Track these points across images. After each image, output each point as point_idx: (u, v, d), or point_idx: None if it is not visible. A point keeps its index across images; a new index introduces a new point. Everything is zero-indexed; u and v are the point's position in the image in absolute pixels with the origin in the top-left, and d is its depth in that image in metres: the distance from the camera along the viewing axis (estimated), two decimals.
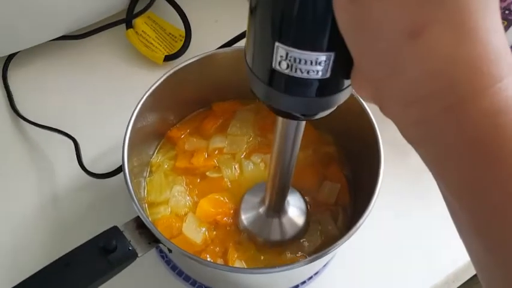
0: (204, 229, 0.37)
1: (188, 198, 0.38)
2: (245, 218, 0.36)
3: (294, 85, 0.20)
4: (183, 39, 0.48)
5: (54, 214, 0.40)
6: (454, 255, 0.40)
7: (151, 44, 0.48)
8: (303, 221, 0.36)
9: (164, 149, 0.41)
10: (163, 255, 0.38)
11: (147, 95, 0.36)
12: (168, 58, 0.47)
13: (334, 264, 0.39)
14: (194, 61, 0.38)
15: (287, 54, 0.19)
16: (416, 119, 0.17)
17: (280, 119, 0.26)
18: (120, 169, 0.39)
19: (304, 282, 0.38)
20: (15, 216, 0.40)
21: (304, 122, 0.26)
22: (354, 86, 0.20)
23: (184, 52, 0.48)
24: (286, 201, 0.35)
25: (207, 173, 0.39)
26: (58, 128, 0.43)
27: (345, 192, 0.40)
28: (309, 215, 0.37)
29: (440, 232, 0.40)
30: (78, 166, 0.40)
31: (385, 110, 0.19)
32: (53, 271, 0.28)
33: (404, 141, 0.19)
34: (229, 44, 0.42)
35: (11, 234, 0.39)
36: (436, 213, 0.38)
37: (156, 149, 0.41)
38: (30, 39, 0.46)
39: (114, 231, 0.30)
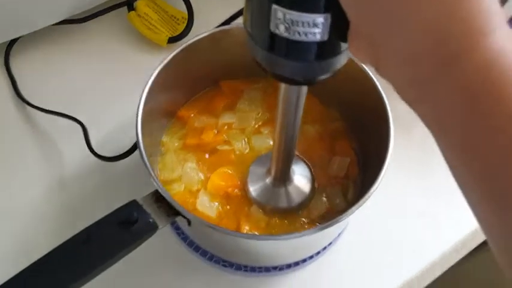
0: (216, 204, 0.37)
1: (200, 174, 0.39)
2: (253, 189, 0.37)
3: (293, 49, 0.21)
4: (186, 21, 0.48)
5: (63, 197, 0.40)
6: (461, 223, 0.41)
7: (154, 26, 0.48)
8: (309, 188, 0.37)
9: (174, 129, 0.41)
10: (179, 233, 0.39)
11: (156, 73, 0.36)
12: (172, 40, 0.47)
13: (343, 239, 0.40)
14: (202, 37, 0.38)
15: (284, 16, 0.20)
16: (412, 77, 0.18)
17: (282, 85, 0.26)
18: (129, 151, 0.39)
19: (312, 257, 0.38)
20: (25, 201, 0.40)
21: (306, 88, 0.26)
22: (351, 48, 0.20)
23: (187, 34, 0.48)
24: (291, 170, 0.35)
25: (218, 147, 0.39)
26: (64, 113, 0.42)
27: (354, 166, 0.40)
28: (314, 182, 0.38)
29: (447, 201, 0.41)
30: (86, 150, 0.40)
31: (381, 70, 0.19)
32: (73, 246, 0.28)
33: (407, 114, 0.19)
34: (231, 18, 0.42)
35: (22, 219, 0.39)
36: (442, 183, 0.39)
37: (166, 128, 0.41)
38: (32, 24, 0.45)
39: (134, 205, 0.30)
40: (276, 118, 0.29)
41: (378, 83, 0.36)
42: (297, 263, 0.38)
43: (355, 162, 0.40)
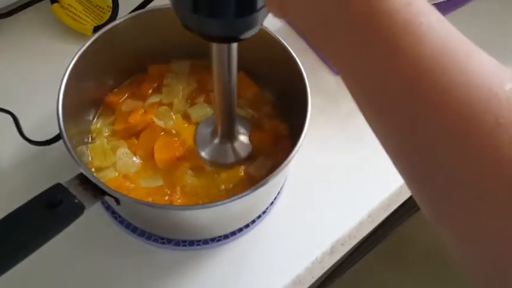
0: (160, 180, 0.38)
1: (135, 158, 0.39)
2: (201, 149, 0.39)
3: (215, 7, 0.24)
4: (111, 10, 0.48)
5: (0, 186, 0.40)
6: (387, 182, 0.44)
7: (79, 16, 0.48)
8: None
9: (103, 115, 0.42)
10: (115, 216, 0.39)
11: (75, 59, 0.36)
12: (97, 29, 0.47)
13: (275, 208, 0.42)
14: (119, 22, 0.39)
15: None
16: (313, 19, 0.20)
17: (213, 46, 0.29)
18: (57, 137, 0.39)
19: (248, 225, 0.40)
20: None
21: (235, 47, 0.29)
22: (266, 2, 0.23)
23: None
24: (235, 128, 0.38)
25: (154, 119, 0.41)
26: None
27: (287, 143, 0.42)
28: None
29: (373, 164, 0.44)
30: (18, 139, 0.40)
31: (287, 17, 0.21)
32: None
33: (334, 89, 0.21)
34: (146, 2, 0.43)
35: None
36: (368, 147, 0.42)
37: (95, 115, 0.42)
38: None
39: (57, 187, 0.31)
40: (212, 80, 0.32)
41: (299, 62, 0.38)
42: (233, 233, 0.40)
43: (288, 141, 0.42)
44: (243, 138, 0.40)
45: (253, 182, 0.33)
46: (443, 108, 0.17)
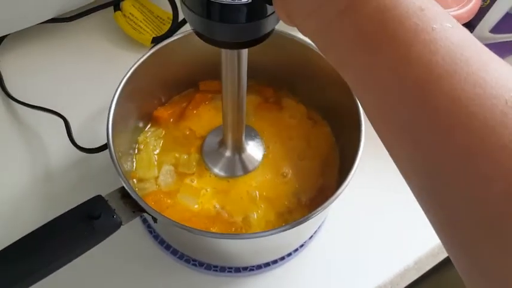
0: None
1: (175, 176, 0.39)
2: (208, 160, 0.39)
3: (226, 12, 0.23)
4: (171, 22, 0.49)
5: (45, 189, 0.41)
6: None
7: (139, 26, 0.49)
8: (262, 155, 0.39)
9: (151, 128, 0.42)
10: (151, 231, 0.39)
11: (131, 71, 0.36)
12: (156, 40, 0.48)
13: (314, 242, 0.39)
14: (177, 39, 0.38)
15: None
16: (316, 27, 0.19)
17: (223, 52, 0.29)
18: (105, 146, 0.40)
19: (290, 254, 0.38)
20: (6, 192, 0.41)
21: (245, 54, 0.29)
22: (275, 9, 0.22)
23: (172, 34, 0.48)
24: (243, 139, 0.37)
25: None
26: (48, 108, 0.43)
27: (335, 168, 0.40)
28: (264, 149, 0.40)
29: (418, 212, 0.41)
30: (68, 143, 0.41)
31: (297, 27, 0.21)
32: (36, 237, 0.28)
33: None
34: None
35: (1, 208, 0.40)
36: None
37: (143, 127, 0.42)
38: (20, 22, 0.46)
39: (98, 200, 0.30)
40: (222, 88, 0.31)
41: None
42: (267, 264, 0.38)
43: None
44: (252, 150, 0.39)
45: None
46: (454, 122, 0.16)
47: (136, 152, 0.40)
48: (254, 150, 0.39)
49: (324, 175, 0.40)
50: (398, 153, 0.19)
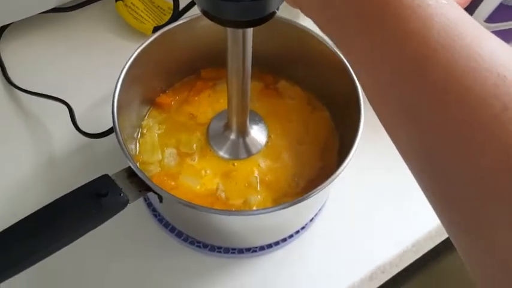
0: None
1: (178, 158, 0.40)
2: (213, 143, 0.39)
3: None
4: (172, 12, 0.49)
5: (50, 175, 0.41)
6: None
7: (140, 15, 0.49)
8: (265, 139, 0.40)
9: (154, 113, 0.42)
10: (156, 214, 0.39)
11: (133, 57, 0.37)
12: (157, 29, 0.48)
13: (316, 223, 0.40)
14: (179, 24, 0.39)
15: None
16: (318, 6, 0.20)
17: (228, 31, 0.29)
18: (112, 129, 0.40)
19: (292, 235, 0.39)
20: (12, 178, 0.41)
21: (250, 34, 0.29)
22: None
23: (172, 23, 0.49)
24: (248, 123, 0.38)
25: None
26: (51, 95, 0.43)
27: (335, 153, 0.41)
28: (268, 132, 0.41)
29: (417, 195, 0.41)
30: (72, 129, 0.41)
31: (304, 11, 0.21)
32: (45, 214, 0.29)
33: None
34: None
35: (8, 193, 0.40)
36: None
37: (147, 112, 0.42)
38: (22, 11, 0.47)
39: (105, 179, 0.31)
40: (226, 69, 0.32)
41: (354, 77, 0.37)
42: (270, 245, 0.38)
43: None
44: (256, 133, 0.40)
45: None
46: (448, 94, 0.16)
47: (139, 136, 0.41)
48: (258, 134, 0.40)
49: (323, 159, 0.41)
50: (397, 133, 0.19)
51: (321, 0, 0.20)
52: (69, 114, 0.42)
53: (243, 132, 0.39)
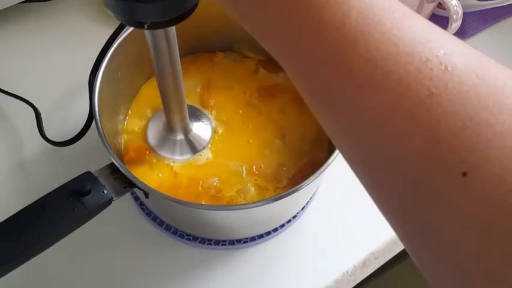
0: None
1: None
2: (154, 144, 0.38)
3: None
4: None
5: (22, 179, 0.40)
6: None
7: None
8: (210, 133, 0.38)
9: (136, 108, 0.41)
10: (143, 208, 0.39)
11: (113, 48, 0.36)
12: None
13: (307, 213, 0.40)
14: None
15: None
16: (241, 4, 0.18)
17: (148, 35, 0.27)
18: (81, 134, 0.39)
19: (283, 225, 0.39)
20: None
21: (173, 32, 0.27)
22: None
23: None
24: (187, 120, 0.36)
25: None
26: (22, 96, 0.42)
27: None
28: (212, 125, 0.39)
29: None
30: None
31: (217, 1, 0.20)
32: (26, 215, 0.28)
33: None
34: None
35: None
36: None
37: (128, 109, 0.41)
38: None
39: (87, 176, 0.30)
40: (154, 70, 0.30)
41: None
42: (261, 236, 0.38)
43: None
44: (198, 129, 0.38)
45: None
46: (369, 82, 0.15)
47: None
48: (201, 129, 0.38)
49: (313, 152, 0.40)
50: (325, 123, 0.18)
51: None
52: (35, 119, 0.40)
53: (185, 130, 0.37)
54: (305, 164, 0.39)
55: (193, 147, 0.37)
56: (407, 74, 0.15)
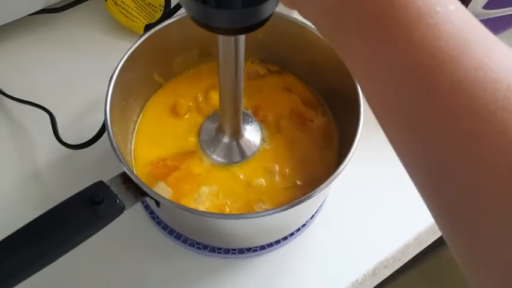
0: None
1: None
2: (206, 146, 0.38)
3: None
4: (163, 9, 0.48)
5: (37, 186, 0.40)
6: None
7: (131, 14, 0.48)
8: (260, 140, 0.39)
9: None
10: (153, 217, 0.39)
11: (124, 58, 0.36)
12: (149, 28, 0.47)
13: (316, 222, 0.40)
14: (171, 22, 0.38)
15: None
16: (318, 11, 0.19)
17: (220, 38, 0.28)
18: (95, 138, 0.39)
19: (293, 233, 0.39)
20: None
21: (243, 39, 0.28)
22: None
23: (164, 21, 0.48)
24: (241, 124, 0.37)
25: None
26: (36, 102, 0.42)
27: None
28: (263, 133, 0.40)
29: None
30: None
31: (296, 8, 0.21)
32: (40, 223, 0.28)
33: None
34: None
35: None
36: None
37: (139, 115, 0.41)
38: (8, 14, 0.46)
39: (100, 185, 0.30)
40: (218, 74, 0.31)
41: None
42: (270, 244, 0.38)
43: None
44: (250, 135, 0.39)
45: None
46: (455, 106, 0.16)
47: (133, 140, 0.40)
48: (252, 135, 0.39)
49: (323, 156, 0.40)
50: (400, 144, 0.18)
51: (320, 4, 0.19)
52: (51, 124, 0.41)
53: (236, 135, 0.37)
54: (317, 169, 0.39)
55: (243, 152, 0.38)
56: (494, 101, 0.15)
